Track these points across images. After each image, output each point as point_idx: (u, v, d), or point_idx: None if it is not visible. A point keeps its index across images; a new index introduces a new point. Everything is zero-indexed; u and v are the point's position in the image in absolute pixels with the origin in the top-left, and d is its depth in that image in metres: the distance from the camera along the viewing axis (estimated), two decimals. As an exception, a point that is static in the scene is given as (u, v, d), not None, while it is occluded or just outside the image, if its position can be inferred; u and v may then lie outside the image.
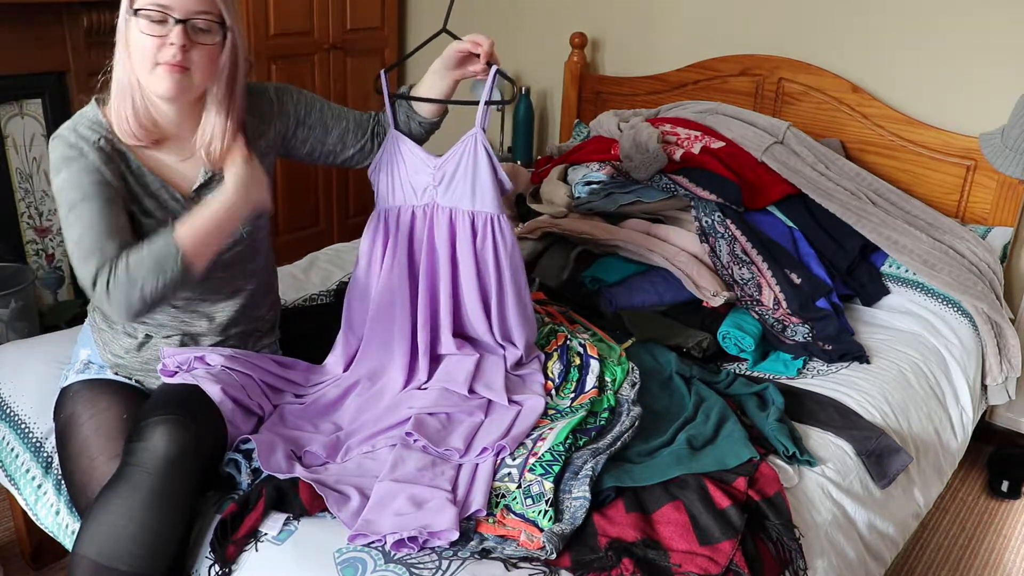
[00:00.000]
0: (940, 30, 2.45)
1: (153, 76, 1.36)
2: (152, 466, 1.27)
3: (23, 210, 2.80)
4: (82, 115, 1.44)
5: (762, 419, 1.66)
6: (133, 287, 1.32)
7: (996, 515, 2.34)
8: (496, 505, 1.36)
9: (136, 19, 1.34)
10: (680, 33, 2.97)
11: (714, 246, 2.21)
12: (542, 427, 1.54)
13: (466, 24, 3.55)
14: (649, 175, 2.31)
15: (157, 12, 1.33)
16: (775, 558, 1.34)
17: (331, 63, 3.45)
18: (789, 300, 2.13)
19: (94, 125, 1.42)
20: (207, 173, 1.49)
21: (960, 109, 2.47)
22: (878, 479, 1.66)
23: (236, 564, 1.28)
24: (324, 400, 1.60)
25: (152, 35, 1.33)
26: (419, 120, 1.68)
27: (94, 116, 1.43)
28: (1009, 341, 2.21)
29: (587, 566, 1.25)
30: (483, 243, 1.66)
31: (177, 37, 1.34)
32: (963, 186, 2.45)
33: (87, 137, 1.40)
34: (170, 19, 1.33)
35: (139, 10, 1.33)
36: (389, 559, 1.24)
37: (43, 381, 1.68)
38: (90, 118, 1.43)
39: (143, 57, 1.35)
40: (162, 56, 1.34)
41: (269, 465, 1.37)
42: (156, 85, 1.37)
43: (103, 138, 1.41)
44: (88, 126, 1.41)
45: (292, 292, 2.18)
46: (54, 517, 1.57)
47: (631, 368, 1.76)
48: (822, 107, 2.64)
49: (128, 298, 1.33)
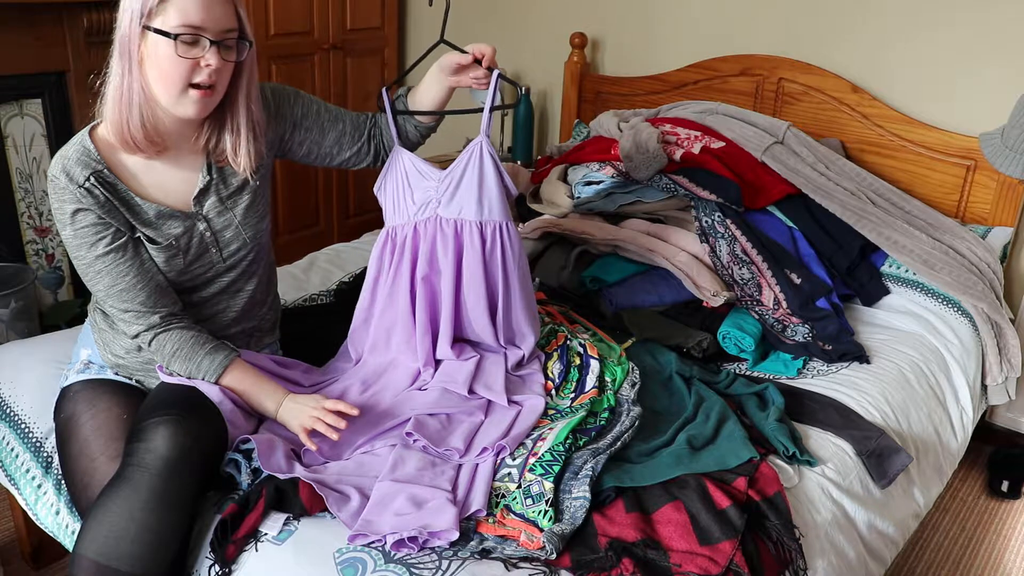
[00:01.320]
0: (940, 30, 2.45)
1: (184, 98, 1.34)
2: (152, 466, 1.28)
3: (23, 210, 2.80)
4: (72, 146, 1.40)
5: (762, 419, 1.66)
6: (163, 359, 1.47)
7: (996, 515, 2.34)
8: (496, 505, 1.36)
9: (160, 38, 1.30)
10: (680, 33, 2.97)
11: (714, 246, 2.21)
12: (542, 427, 1.54)
13: (466, 24, 3.55)
14: (649, 175, 2.31)
15: (192, 35, 1.31)
16: (775, 558, 1.34)
17: (331, 63, 3.45)
18: (789, 300, 2.13)
19: (83, 157, 1.38)
20: (205, 178, 1.48)
21: (960, 109, 2.47)
22: (878, 479, 1.66)
23: (236, 564, 1.28)
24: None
25: (187, 57, 1.31)
26: (415, 124, 1.68)
27: (85, 145, 1.39)
28: (1009, 341, 2.22)
29: (587, 566, 1.25)
30: (492, 253, 1.65)
31: (214, 60, 1.33)
32: (963, 186, 2.45)
33: (77, 178, 1.37)
34: (205, 41, 1.32)
35: (173, 34, 1.29)
36: (389, 559, 1.24)
37: (43, 381, 1.68)
38: (81, 148, 1.39)
39: (174, 79, 1.32)
40: (197, 78, 1.33)
41: (269, 465, 1.37)
42: (185, 108, 1.35)
43: (92, 173, 1.38)
44: (77, 159, 1.38)
45: (292, 292, 2.18)
46: (54, 517, 1.57)
47: (631, 368, 1.76)
48: (822, 107, 2.64)
49: (154, 357, 1.49)
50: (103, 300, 1.45)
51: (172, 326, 1.46)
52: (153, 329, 1.45)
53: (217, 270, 1.54)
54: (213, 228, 1.50)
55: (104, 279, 1.42)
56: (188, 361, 1.45)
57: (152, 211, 1.45)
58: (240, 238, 1.53)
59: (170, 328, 1.46)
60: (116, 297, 1.43)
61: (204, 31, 1.31)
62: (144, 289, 1.44)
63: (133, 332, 1.46)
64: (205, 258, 1.51)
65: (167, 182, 1.46)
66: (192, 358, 1.45)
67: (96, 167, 1.39)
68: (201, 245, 1.50)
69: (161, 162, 1.45)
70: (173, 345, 1.45)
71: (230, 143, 1.46)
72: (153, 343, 1.46)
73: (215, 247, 1.51)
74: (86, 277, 1.44)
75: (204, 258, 1.51)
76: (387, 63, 3.70)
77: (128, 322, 1.45)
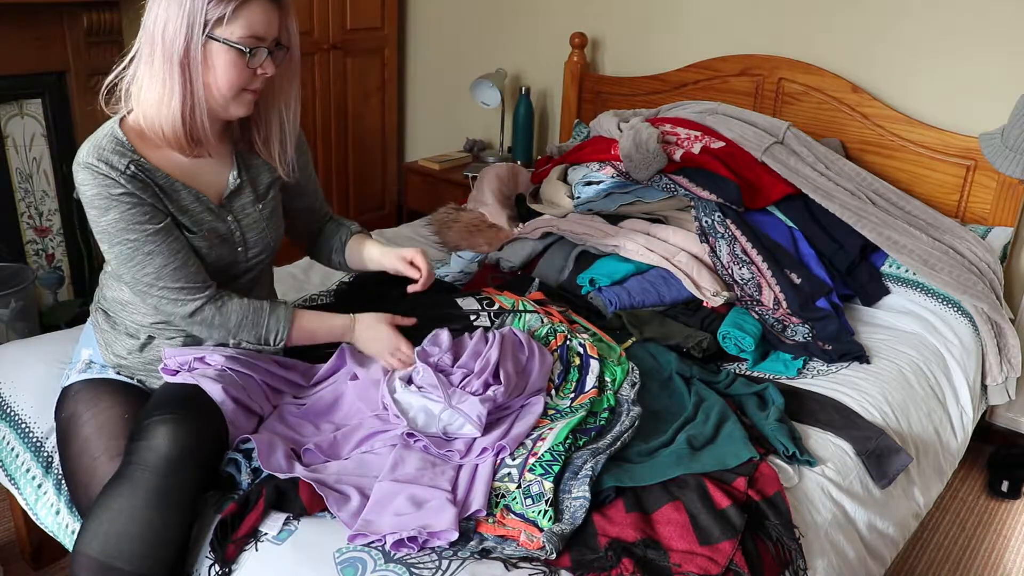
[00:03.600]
0: (940, 30, 2.45)
1: (237, 101, 1.43)
2: (153, 465, 1.28)
3: (23, 210, 2.81)
4: (104, 136, 1.41)
5: (762, 419, 1.66)
6: (227, 332, 1.49)
7: (996, 515, 2.34)
8: (496, 505, 1.36)
9: (223, 47, 1.35)
10: (680, 33, 2.97)
11: (714, 246, 2.21)
12: (542, 427, 1.54)
13: (467, 24, 3.55)
14: (649, 175, 2.31)
15: (256, 45, 1.38)
16: (775, 558, 1.34)
17: (331, 63, 3.46)
18: (789, 300, 2.13)
19: (119, 147, 1.40)
20: (236, 179, 1.53)
21: (960, 109, 2.47)
22: (878, 479, 1.66)
23: (236, 564, 1.28)
24: (324, 400, 1.60)
25: (253, 68, 1.39)
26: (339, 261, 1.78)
27: (116, 136, 1.41)
28: (1009, 341, 2.22)
29: (587, 566, 1.25)
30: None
31: (270, 67, 1.41)
32: (963, 186, 2.45)
33: (117, 165, 1.38)
34: (263, 50, 1.39)
35: (250, 49, 1.37)
36: (389, 559, 1.24)
37: (43, 381, 1.69)
38: (114, 139, 1.41)
39: (235, 85, 1.39)
40: (253, 84, 1.41)
41: (269, 465, 1.37)
42: (236, 110, 1.44)
43: (131, 162, 1.40)
44: (113, 150, 1.39)
45: (292, 292, 2.18)
46: (54, 517, 1.57)
47: (631, 368, 1.76)
48: (822, 107, 2.64)
49: (221, 336, 1.50)
50: (154, 283, 1.43)
51: (228, 296, 1.49)
52: (213, 301, 1.47)
53: (239, 269, 1.57)
54: (242, 227, 1.55)
55: (157, 259, 1.41)
56: (256, 327, 1.50)
57: (190, 198, 1.47)
58: (264, 240, 1.59)
59: (229, 298, 1.49)
60: (171, 276, 1.43)
61: (264, 41, 1.39)
62: (195, 264, 1.46)
63: (191, 309, 1.45)
64: (231, 256, 1.54)
65: (198, 177, 1.50)
66: (258, 323, 1.50)
67: (132, 156, 1.41)
68: (231, 242, 1.53)
69: (193, 161, 1.48)
70: (238, 315, 1.49)
71: (276, 139, 1.55)
72: (217, 316, 1.47)
73: (243, 246, 1.56)
74: (133, 262, 1.41)
75: (231, 256, 1.54)
76: (387, 63, 3.70)
77: (184, 301, 1.45)
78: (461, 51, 3.61)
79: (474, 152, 3.55)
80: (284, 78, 1.50)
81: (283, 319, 1.53)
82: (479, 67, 3.47)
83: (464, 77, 3.50)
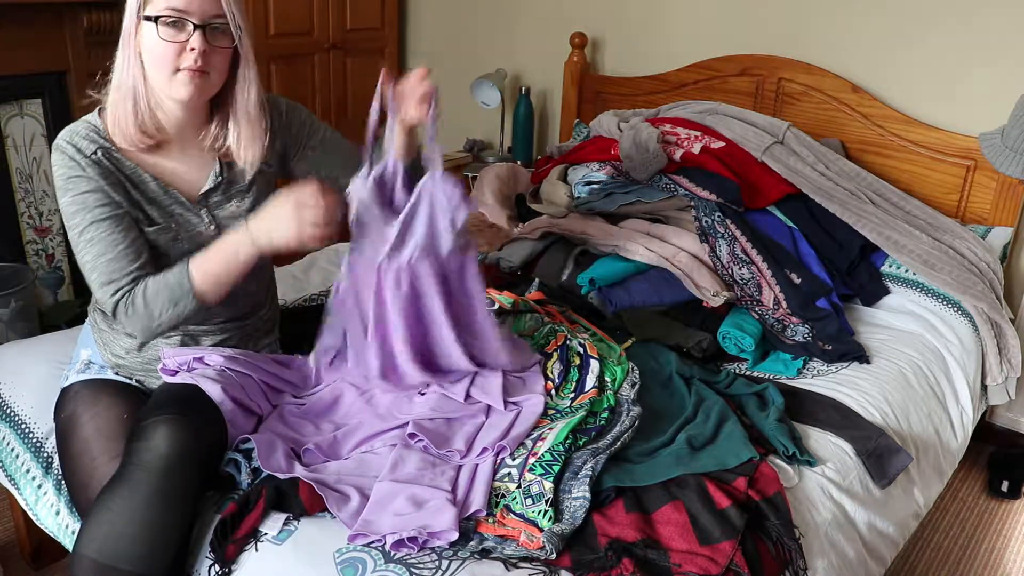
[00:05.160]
0: (940, 30, 2.45)
1: (174, 81, 1.38)
2: (153, 465, 1.28)
3: (23, 210, 2.80)
4: (83, 121, 1.44)
5: (762, 419, 1.66)
6: (151, 317, 1.41)
7: (996, 515, 2.34)
8: (496, 505, 1.36)
9: (151, 24, 1.35)
10: (680, 33, 2.97)
11: (714, 246, 2.21)
12: (542, 427, 1.54)
13: (467, 25, 3.55)
14: (649, 175, 2.31)
15: (176, 17, 1.35)
16: (775, 558, 1.34)
17: (331, 63, 3.45)
18: (789, 300, 2.13)
19: (92, 133, 1.42)
20: (217, 177, 1.51)
21: (960, 109, 2.47)
22: (878, 479, 1.66)
23: (236, 564, 1.28)
24: (324, 400, 1.60)
25: (172, 41, 1.35)
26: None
27: (94, 122, 1.44)
28: (1009, 341, 2.22)
29: (587, 566, 1.25)
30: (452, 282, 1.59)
31: (198, 42, 1.36)
32: (963, 186, 2.45)
33: (84, 150, 1.40)
34: (188, 24, 1.35)
35: (158, 17, 1.34)
36: (389, 559, 1.24)
37: (43, 381, 1.69)
38: (90, 125, 1.44)
39: (162, 63, 1.37)
40: (183, 62, 1.37)
41: (269, 465, 1.37)
42: (176, 90, 1.39)
43: (100, 148, 1.41)
44: (85, 135, 1.42)
45: (292, 292, 2.18)
46: (54, 517, 1.57)
47: (631, 368, 1.76)
48: (822, 107, 2.64)
49: (146, 324, 1.42)
50: (88, 273, 1.41)
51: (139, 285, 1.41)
52: (123, 289, 1.40)
53: None
54: (219, 224, 1.52)
55: (95, 247, 1.39)
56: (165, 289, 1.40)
57: (158, 188, 1.46)
58: None
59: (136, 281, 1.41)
60: (102, 268, 1.39)
61: (188, 15, 1.35)
62: (133, 263, 1.40)
63: (111, 306, 1.41)
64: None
65: (172, 174, 1.49)
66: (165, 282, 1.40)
67: (104, 144, 1.42)
68: (202, 238, 1.50)
69: (166, 157, 1.47)
70: (146, 290, 1.40)
71: (233, 136, 1.50)
72: (132, 302, 1.40)
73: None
74: (76, 247, 1.41)
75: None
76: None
77: (107, 299, 1.40)
78: (461, 51, 3.61)
79: (474, 152, 3.55)
80: (245, 64, 1.44)
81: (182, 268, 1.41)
82: (479, 67, 3.47)
83: (464, 77, 3.50)
